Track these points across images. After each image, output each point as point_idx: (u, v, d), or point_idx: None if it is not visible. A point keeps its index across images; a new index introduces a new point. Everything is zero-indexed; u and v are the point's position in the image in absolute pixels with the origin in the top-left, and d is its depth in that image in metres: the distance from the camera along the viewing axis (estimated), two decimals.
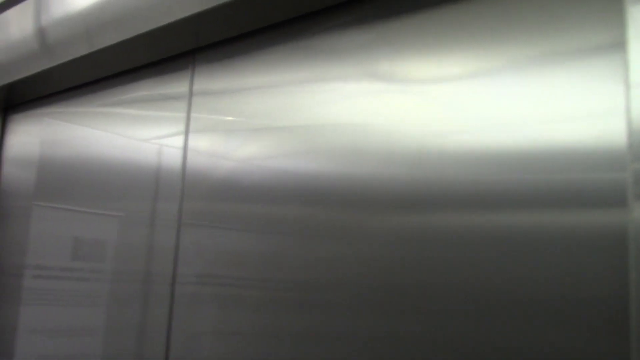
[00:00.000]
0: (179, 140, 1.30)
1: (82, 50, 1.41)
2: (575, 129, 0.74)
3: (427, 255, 0.84)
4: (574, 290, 0.70)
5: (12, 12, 1.62)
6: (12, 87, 1.70)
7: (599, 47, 0.74)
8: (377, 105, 0.96)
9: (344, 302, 0.93)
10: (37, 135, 1.78)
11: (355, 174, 0.95)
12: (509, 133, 0.79)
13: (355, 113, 0.98)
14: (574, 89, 0.75)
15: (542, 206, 0.75)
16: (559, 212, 0.73)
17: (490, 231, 0.79)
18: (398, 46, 0.95)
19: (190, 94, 1.32)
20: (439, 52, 0.90)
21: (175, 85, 1.35)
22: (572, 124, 0.74)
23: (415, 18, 0.93)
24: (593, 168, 0.72)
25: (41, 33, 1.53)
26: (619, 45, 0.72)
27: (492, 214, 0.79)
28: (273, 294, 1.03)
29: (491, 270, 0.78)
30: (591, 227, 0.70)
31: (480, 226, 0.80)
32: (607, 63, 0.73)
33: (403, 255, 0.87)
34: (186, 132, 1.30)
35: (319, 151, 1.02)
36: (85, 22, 1.40)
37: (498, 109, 0.81)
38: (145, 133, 1.41)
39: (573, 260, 0.71)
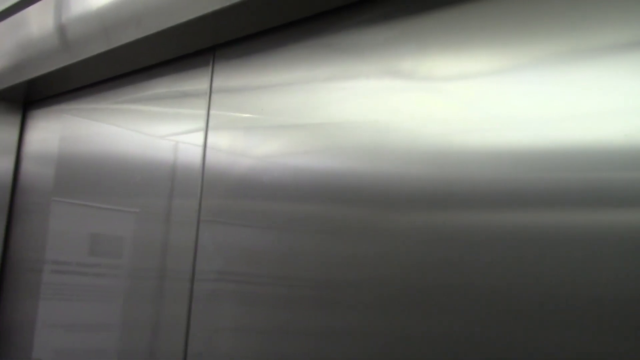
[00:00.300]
0: (198, 138, 1.30)
1: (100, 47, 1.42)
2: (602, 126, 0.73)
3: (447, 254, 0.84)
4: (603, 291, 0.69)
5: (32, 10, 1.63)
6: (31, 83, 1.71)
7: (627, 44, 0.73)
8: (398, 103, 0.95)
9: (362, 300, 0.92)
10: (56, 132, 1.79)
11: (376, 171, 0.95)
12: (534, 131, 0.78)
13: (376, 111, 0.97)
14: (601, 86, 0.74)
15: (568, 205, 0.74)
16: (585, 211, 0.72)
17: (513, 230, 0.78)
18: (421, 43, 0.94)
19: (210, 91, 1.31)
20: (463, 49, 0.89)
21: (195, 82, 1.35)
22: (600, 121, 0.73)
23: (439, 14, 0.92)
24: (621, 166, 0.70)
25: (60, 30, 1.53)
26: None
27: (517, 212, 0.78)
28: (291, 291, 1.03)
29: (514, 270, 0.77)
30: (619, 227, 0.69)
31: (502, 225, 0.79)
32: (635, 59, 0.71)
33: (423, 254, 0.86)
34: (206, 130, 1.30)
35: (339, 149, 1.01)
36: (103, 19, 1.40)
37: (523, 107, 0.80)
38: (165, 130, 1.41)
39: (602, 260, 0.70)
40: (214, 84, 1.30)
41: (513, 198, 0.79)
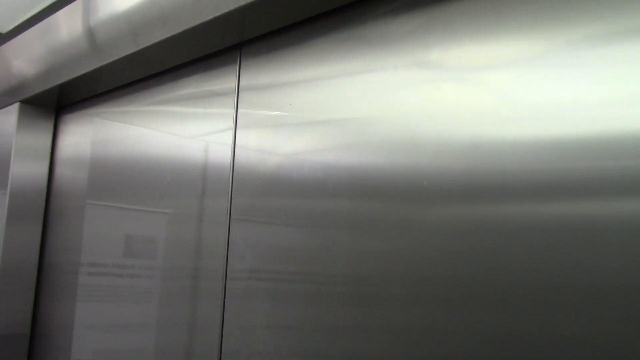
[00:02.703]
0: (228, 137, 1.30)
1: (128, 48, 1.42)
2: None
3: (481, 248, 0.81)
4: None
5: (61, 15, 1.65)
6: (62, 88, 1.73)
7: None
8: (428, 95, 0.92)
9: (395, 295, 0.90)
10: (88, 136, 1.81)
11: (407, 166, 0.93)
12: (570, 119, 0.75)
13: (405, 104, 0.95)
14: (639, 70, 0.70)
15: (606, 195, 0.70)
16: (626, 201, 0.69)
17: (549, 222, 0.75)
18: (449, 31, 0.91)
19: (238, 89, 1.31)
20: (493, 35, 0.86)
21: (223, 80, 1.35)
22: (638, 107, 0.70)
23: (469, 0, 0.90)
24: None
25: (89, 33, 1.54)
26: None
27: (551, 203, 0.75)
28: (324, 288, 1.01)
29: (550, 262, 0.74)
30: None
31: (538, 217, 0.76)
32: None
33: (454, 248, 0.84)
34: (235, 128, 1.29)
35: (368, 144, 0.99)
36: (131, 20, 1.40)
37: (557, 94, 0.77)
38: (194, 130, 1.41)
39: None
40: (242, 82, 1.30)
41: (550, 189, 0.76)
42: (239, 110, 1.28)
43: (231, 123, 1.30)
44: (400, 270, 0.90)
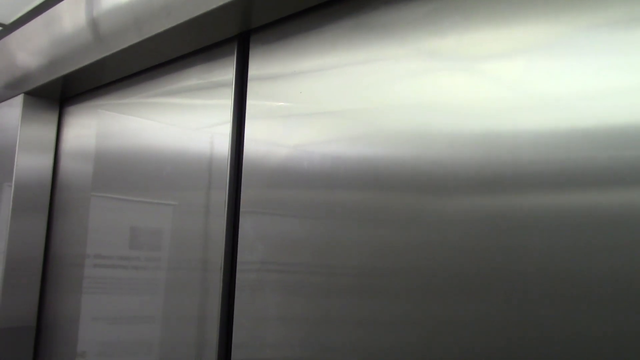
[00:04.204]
0: (228, 128, 1.29)
1: (132, 39, 1.41)
2: None
3: (494, 240, 0.79)
4: None
5: (65, 5, 1.63)
6: (67, 79, 1.72)
7: None
8: (441, 84, 0.91)
9: (407, 288, 0.89)
10: (92, 127, 1.80)
11: (419, 157, 0.91)
12: (593, 108, 0.73)
13: (418, 93, 0.93)
14: None
15: (627, 185, 0.69)
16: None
17: (565, 213, 0.73)
18: (465, 15, 0.89)
19: (245, 78, 1.29)
20: (511, 20, 0.84)
21: (227, 71, 1.33)
22: None
23: None
24: None
25: (93, 24, 1.53)
26: None
27: (571, 194, 0.73)
28: (334, 280, 1.00)
29: (567, 253, 0.72)
30: None
31: (555, 208, 0.74)
32: None
33: (468, 240, 0.82)
34: (242, 120, 1.28)
35: (380, 134, 0.98)
36: (134, 10, 1.39)
37: (578, 82, 0.75)
38: (200, 122, 1.40)
39: None
40: (251, 71, 1.28)
41: (567, 179, 0.74)
42: (247, 101, 1.27)
43: (230, 115, 1.29)
44: (412, 262, 0.89)
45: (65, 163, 1.90)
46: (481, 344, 0.79)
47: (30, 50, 1.81)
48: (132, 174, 1.59)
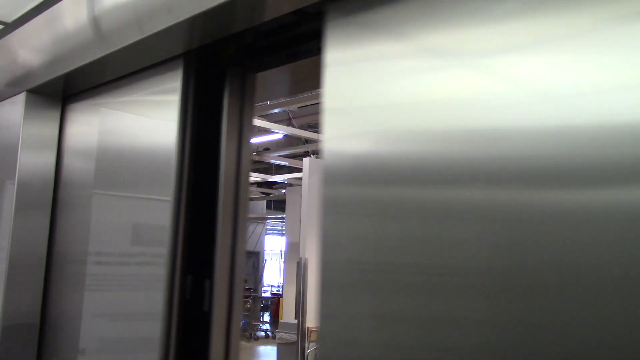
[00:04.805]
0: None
1: (134, 36, 1.41)
2: None
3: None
4: None
5: (67, 3, 1.63)
6: (69, 76, 1.73)
7: None
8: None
9: (494, 286, 0.81)
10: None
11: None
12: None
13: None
14: None
15: None
16: None
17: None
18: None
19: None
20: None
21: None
22: None
23: None
24: None
25: (95, 22, 1.53)
26: None
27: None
28: (417, 279, 0.90)
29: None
30: None
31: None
32: None
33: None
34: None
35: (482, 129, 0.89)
36: (136, 8, 1.39)
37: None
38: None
39: None
40: (328, 55, 1.09)
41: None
42: (326, 88, 1.07)
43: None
44: (494, 261, 0.81)
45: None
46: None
47: (32, 48, 1.81)
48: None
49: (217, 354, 1.39)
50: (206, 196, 1.44)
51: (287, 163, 7.91)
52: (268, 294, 12.26)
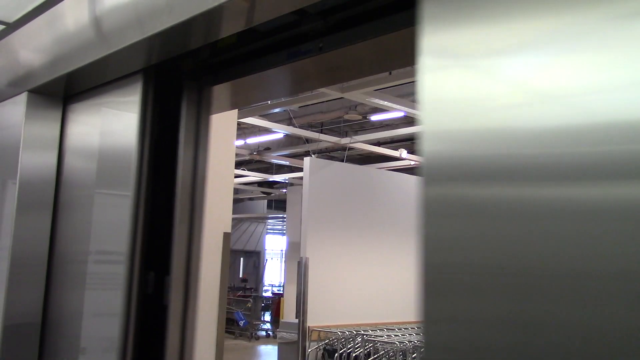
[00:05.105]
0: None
1: (135, 36, 1.41)
2: None
3: None
4: None
5: (68, 3, 1.64)
6: (70, 76, 1.73)
7: None
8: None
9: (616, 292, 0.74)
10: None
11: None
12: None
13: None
14: None
15: None
16: None
17: None
18: None
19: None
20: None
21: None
22: None
23: None
24: None
25: (96, 22, 1.54)
26: None
27: None
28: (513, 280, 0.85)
29: None
30: None
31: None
32: None
33: None
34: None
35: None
36: (137, 8, 1.39)
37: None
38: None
39: None
40: (424, 42, 0.99)
41: None
42: (424, 83, 0.97)
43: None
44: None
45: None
46: None
47: (33, 48, 1.82)
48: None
49: (173, 345, 1.57)
50: (168, 199, 1.62)
51: (287, 162, 7.92)
52: (269, 294, 12.28)
